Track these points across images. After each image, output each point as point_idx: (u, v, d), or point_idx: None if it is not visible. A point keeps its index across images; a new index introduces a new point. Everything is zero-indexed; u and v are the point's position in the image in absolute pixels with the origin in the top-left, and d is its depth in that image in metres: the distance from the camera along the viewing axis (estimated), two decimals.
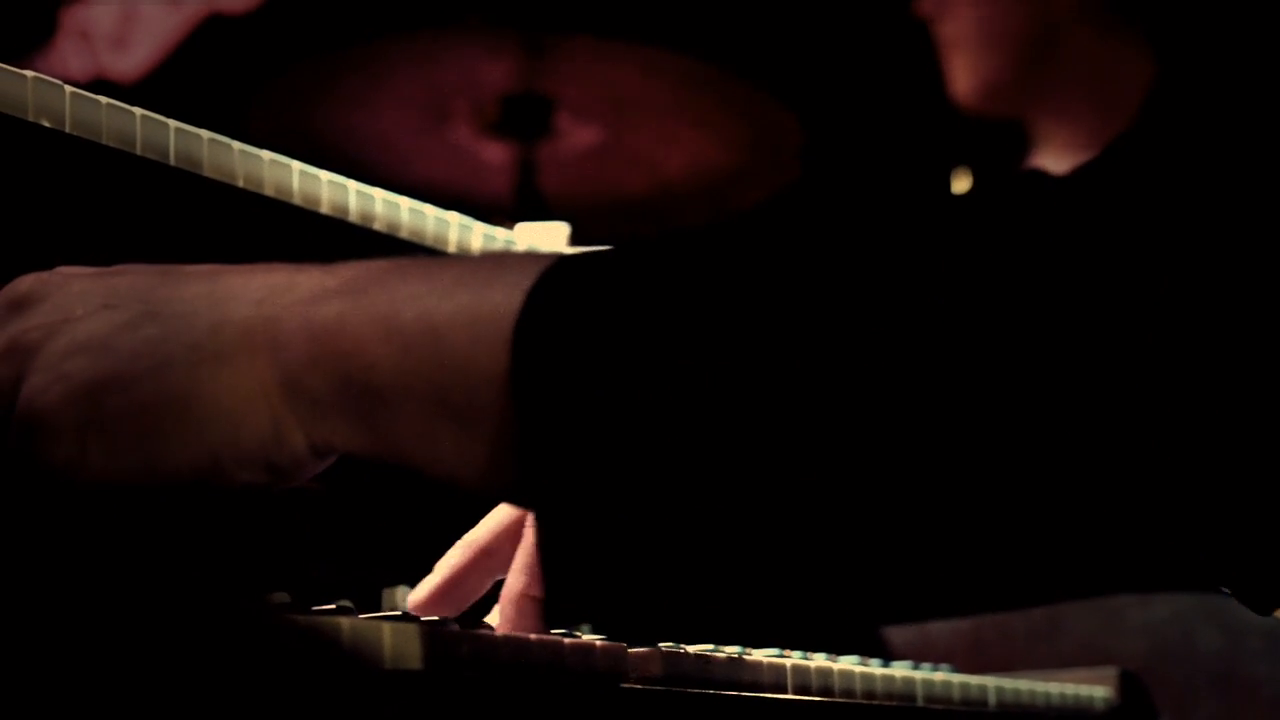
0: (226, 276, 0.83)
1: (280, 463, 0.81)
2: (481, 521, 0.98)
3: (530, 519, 0.93)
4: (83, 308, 0.82)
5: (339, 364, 0.79)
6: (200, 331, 0.81)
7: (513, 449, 0.75)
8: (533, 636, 0.88)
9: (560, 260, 0.78)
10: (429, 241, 1.20)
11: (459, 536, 1.20)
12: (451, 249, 1.22)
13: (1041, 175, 0.75)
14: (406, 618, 0.82)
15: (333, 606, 0.83)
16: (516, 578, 0.95)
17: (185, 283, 0.83)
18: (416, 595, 1.00)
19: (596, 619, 0.89)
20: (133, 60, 3.14)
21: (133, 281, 0.84)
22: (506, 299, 0.76)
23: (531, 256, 0.79)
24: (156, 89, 3.11)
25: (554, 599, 0.80)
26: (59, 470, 0.80)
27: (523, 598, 0.95)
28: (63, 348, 0.81)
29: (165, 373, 0.81)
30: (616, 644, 0.91)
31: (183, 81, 3.12)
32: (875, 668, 1.13)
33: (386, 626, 0.79)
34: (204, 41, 3.18)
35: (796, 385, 0.71)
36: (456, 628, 0.84)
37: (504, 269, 0.78)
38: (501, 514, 0.97)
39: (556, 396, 0.74)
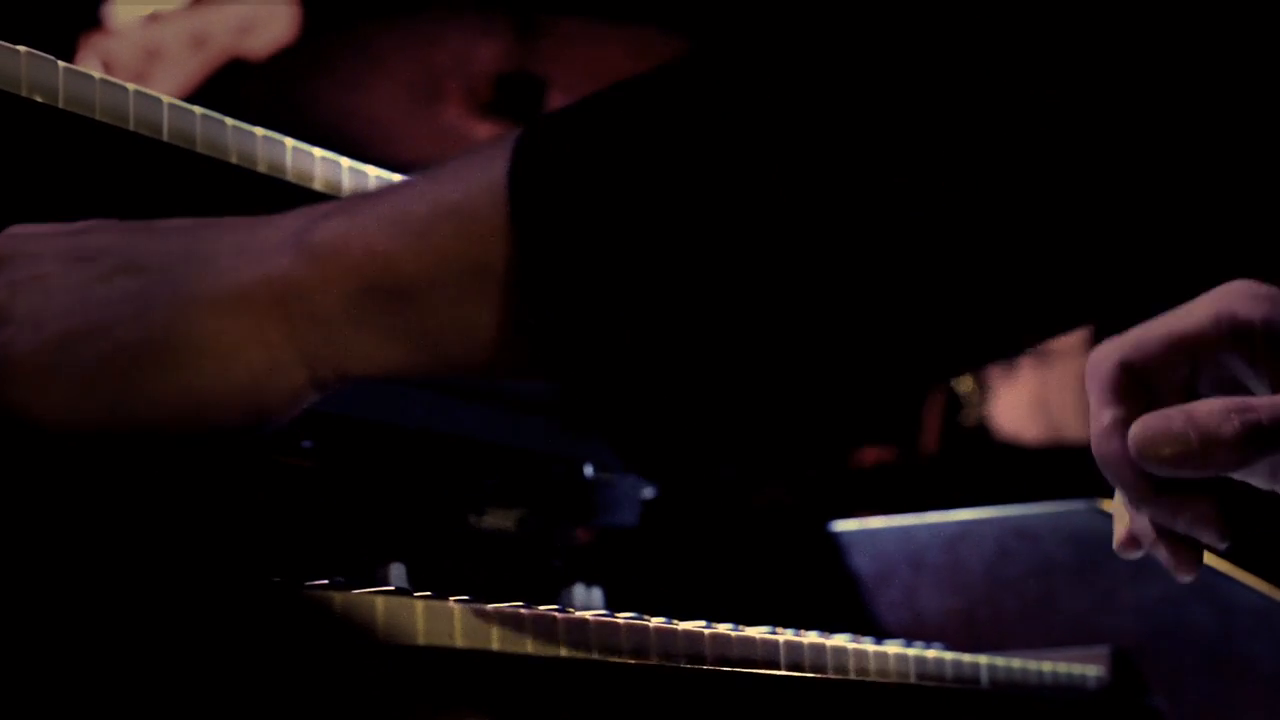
0: (203, 229, 0.83)
1: (270, 402, 0.80)
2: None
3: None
4: (52, 265, 0.82)
5: (355, 273, 0.78)
6: (181, 279, 0.80)
7: (525, 301, 0.76)
8: (525, 611, 0.88)
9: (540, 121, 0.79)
10: None
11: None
12: None
13: None
14: (400, 591, 0.82)
15: (325, 581, 0.83)
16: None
17: (161, 237, 0.83)
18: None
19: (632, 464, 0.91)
20: None
21: (102, 238, 0.83)
22: (503, 166, 0.77)
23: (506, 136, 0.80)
24: None
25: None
26: (22, 416, 0.79)
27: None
28: (36, 302, 0.81)
29: (144, 316, 0.79)
30: (609, 620, 0.91)
31: None
32: (868, 645, 1.13)
33: (380, 600, 0.79)
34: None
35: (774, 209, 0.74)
36: (451, 602, 0.84)
37: (495, 147, 0.79)
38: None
39: (561, 240, 0.75)
